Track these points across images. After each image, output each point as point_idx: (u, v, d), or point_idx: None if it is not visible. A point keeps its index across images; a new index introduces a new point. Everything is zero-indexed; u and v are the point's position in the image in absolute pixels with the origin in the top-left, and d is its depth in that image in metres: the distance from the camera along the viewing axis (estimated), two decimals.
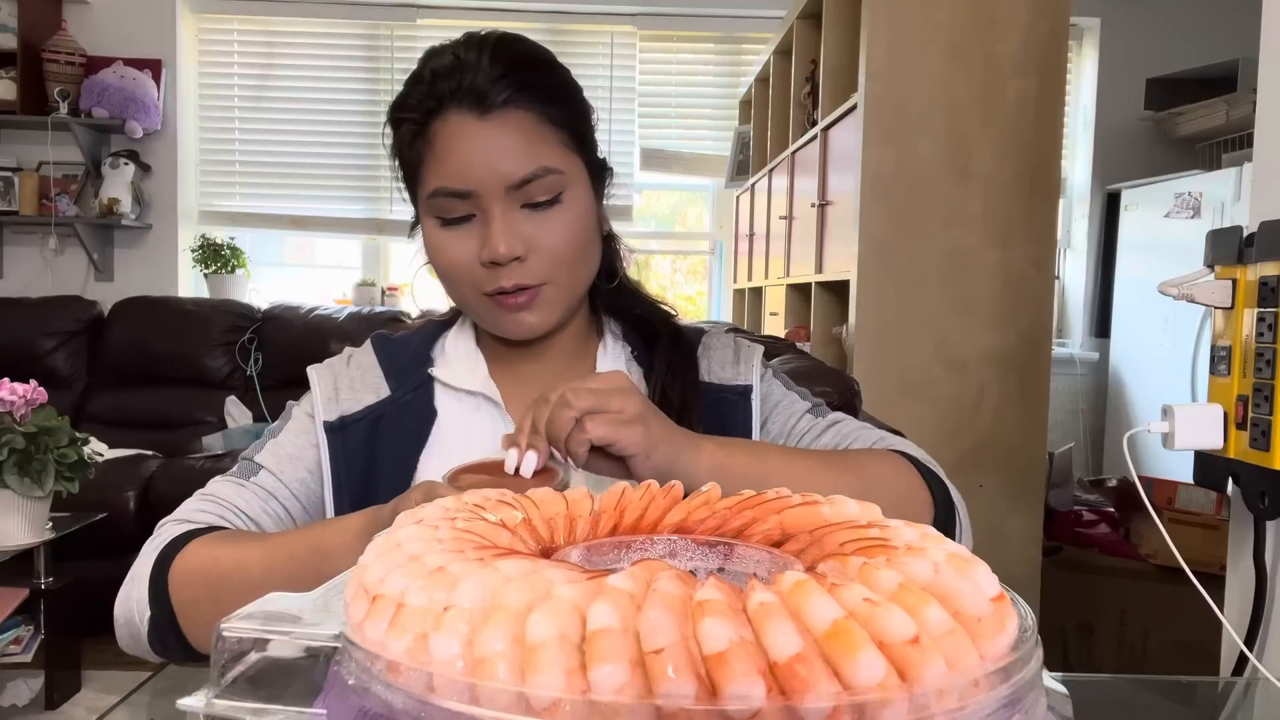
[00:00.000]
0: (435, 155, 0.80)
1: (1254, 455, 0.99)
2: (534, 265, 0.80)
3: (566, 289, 0.83)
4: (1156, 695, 0.97)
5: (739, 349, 0.92)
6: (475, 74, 0.79)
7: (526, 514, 0.47)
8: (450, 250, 0.81)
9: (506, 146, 0.78)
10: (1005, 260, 2.19)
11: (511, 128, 0.79)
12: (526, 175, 0.78)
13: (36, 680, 2.44)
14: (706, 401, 0.88)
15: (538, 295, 0.81)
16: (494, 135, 0.78)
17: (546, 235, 0.80)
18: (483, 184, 0.78)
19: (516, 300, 0.81)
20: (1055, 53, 2.19)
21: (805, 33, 2.98)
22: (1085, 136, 4.15)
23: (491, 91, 0.78)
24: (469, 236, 0.80)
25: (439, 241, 0.82)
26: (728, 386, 0.89)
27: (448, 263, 0.82)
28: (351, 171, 4.20)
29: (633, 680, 0.30)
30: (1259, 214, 1.05)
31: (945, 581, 0.36)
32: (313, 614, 0.39)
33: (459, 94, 0.78)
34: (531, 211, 0.80)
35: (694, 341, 0.92)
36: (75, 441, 2.22)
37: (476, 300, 0.82)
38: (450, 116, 0.79)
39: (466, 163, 0.78)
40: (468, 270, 0.81)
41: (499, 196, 0.78)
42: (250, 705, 0.36)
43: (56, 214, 3.87)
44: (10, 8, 3.79)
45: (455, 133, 0.79)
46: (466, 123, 0.78)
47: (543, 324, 0.83)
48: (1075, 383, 4.05)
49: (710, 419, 0.86)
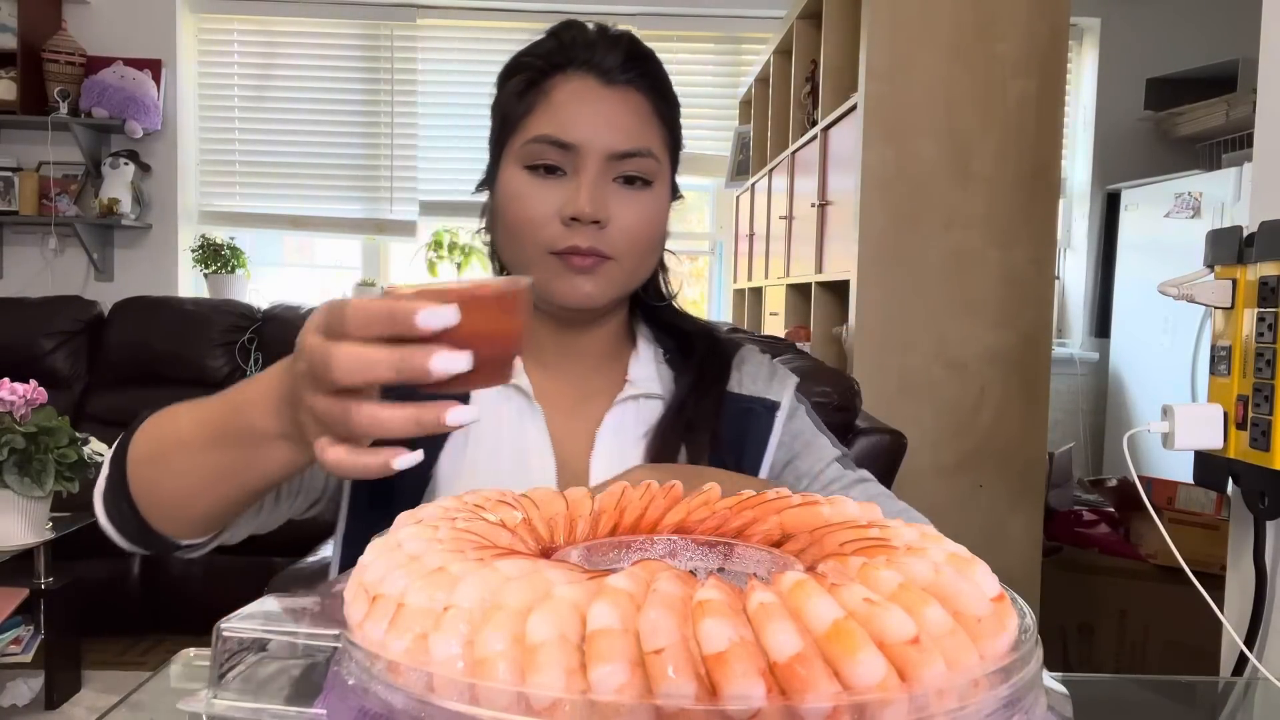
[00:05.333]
0: (548, 106, 0.81)
1: (1254, 455, 0.99)
2: (611, 235, 0.80)
3: (628, 273, 0.83)
4: (1156, 695, 0.97)
5: (775, 371, 0.93)
6: (607, 51, 0.82)
7: (526, 514, 0.47)
8: (532, 198, 0.80)
9: (620, 117, 0.81)
10: (1005, 260, 2.18)
11: (629, 104, 0.82)
12: (631, 149, 0.80)
13: (36, 680, 2.44)
14: (731, 411, 0.88)
15: (603, 265, 0.81)
16: (612, 104, 0.81)
17: (629, 213, 0.81)
18: (588, 143, 0.79)
19: (584, 262, 0.80)
20: (1055, 53, 2.19)
21: (805, 33, 2.98)
22: (1085, 136, 4.14)
23: (619, 69, 0.82)
24: (554, 191, 0.80)
25: (521, 189, 0.81)
26: (755, 398, 0.90)
27: (525, 211, 0.80)
28: (351, 171, 4.20)
29: (633, 680, 0.30)
30: (1259, 214, 1.05)
31: (945, 581, 0.36)
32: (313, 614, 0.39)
33: (589, 62, 0.81)
34: (622, 186, 0.81)
35: (730, 355, 0.92)
36: (75, 441, 2.22)
37: (540, 258, 0.81)
38: (574, 75, 0.81)
39: (578, 118, 0.80)
40: (543, 223, 0.80)
41: (599, 160, 0.79)
42: (250, 705, 0.36)
43: (56, 214, 3.87)
44: (10, 8, 3.79)
45: (576, 90, 0.81)
46: (589, 85, 0.81)
47: (598, 295, 0.82)
48: (1075, 383, 4.05)
49: (733, 428, 0.86)
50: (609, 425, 0.86)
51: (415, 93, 4.17)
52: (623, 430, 0.87)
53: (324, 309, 0.53)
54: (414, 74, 4.17)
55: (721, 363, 0.91)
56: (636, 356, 0.92)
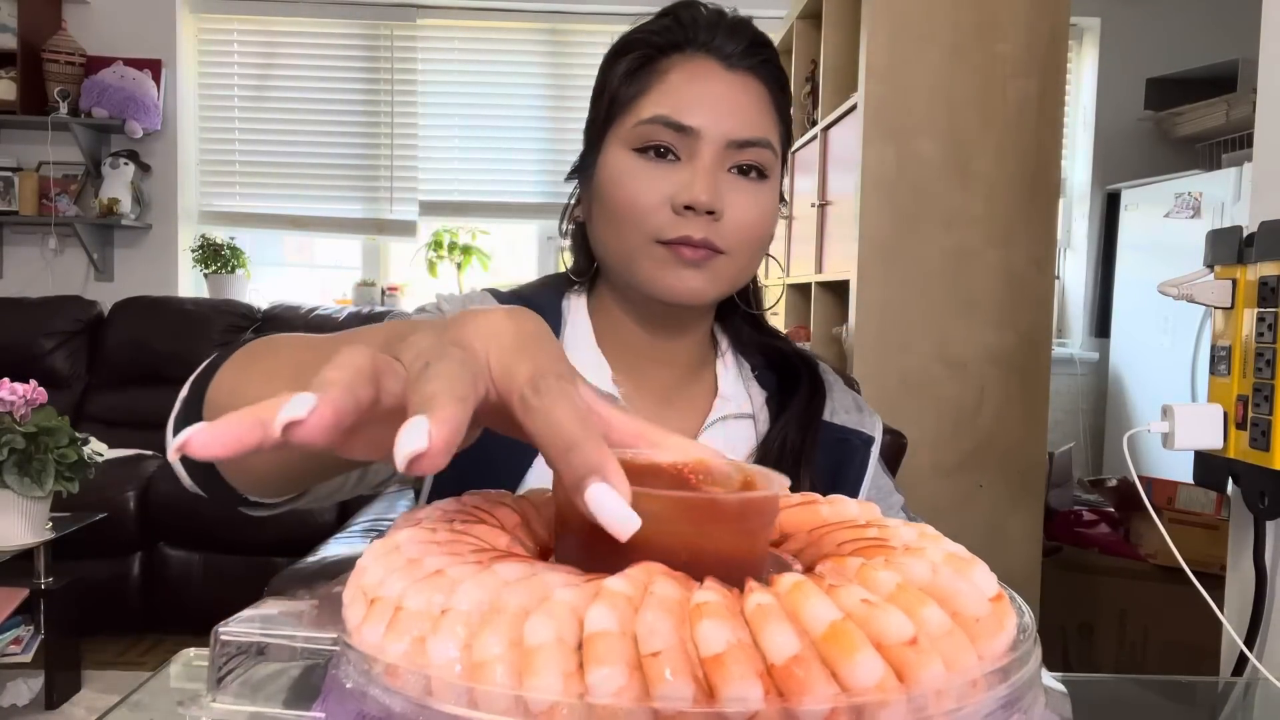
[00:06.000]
0: (665, 87, 0.76)
1: (1254, 455, 0.99)
2: (725, 228, 0.75)
3: (738, 270, 0.78)
4: (1156, 695, 0.97)
5: (860, 402, 0.89)
6: (729, 35, 0.77)
7: (525, 516, 0.47)
8: (642, 181, 0.74)
9: (743, 104, 0.76)
10: (1005, 260, 2.19)
11: (750, 91, 0.77)
12: (752, 138, 0.76)
13: (36, 680, 2.44)
14: (827, 440, 0.83)
15: (713, 259, 0.75)
16: (734, 89, 0.76)
17: (744, 206, 0.76)
18: (708, 127, 0.74)
19: (695, 254, 0.74)
20: (1055, 53, 2.19)
21: (805, 33, 2.98)
22: (1085, 136, 4.14)
23: (740, 54, 0.77)
24: (667, 175, 0.74)
25: (632, 171, 0.75)
26: (852, 430, 0.86)
27: (633, 195, 0.74)
28: (351, 171, 4.20)
29: (630, 683, 0.30)
30: (1259, 214, 1.05)
31: (943, 582, 0.36)
32: (311, 617, 0.39)
33: (711, 44, 0.77)
34: (738, 177, 0.76)
35: (825, 383, 0.88)
36: (75, 441, 2.22)
37: (646, 247, 0.75)
38: (695, 57, 0.77)
39: (699, 101, 0.75)
40: (652, 210, 0.74)
41: (717, 147, 0.74)
42: (248, 709, 0.36)
43: (56, 214, 3.87)
44: (10, 8, 3.79)
45: (697, 72, 0.76)
46: (711, 68, 0.76)
47: (706, 291, 0.76)
48: (1075, 383, 4.05)
49: (828, 459, 0.82)
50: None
51: (415, 93, 4.17)
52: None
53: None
54: (414, 74, 4.17)
55: (822, 393, 0.86)
56: (724, 368, 0.86)
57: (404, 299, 4.13)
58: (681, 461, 0.44)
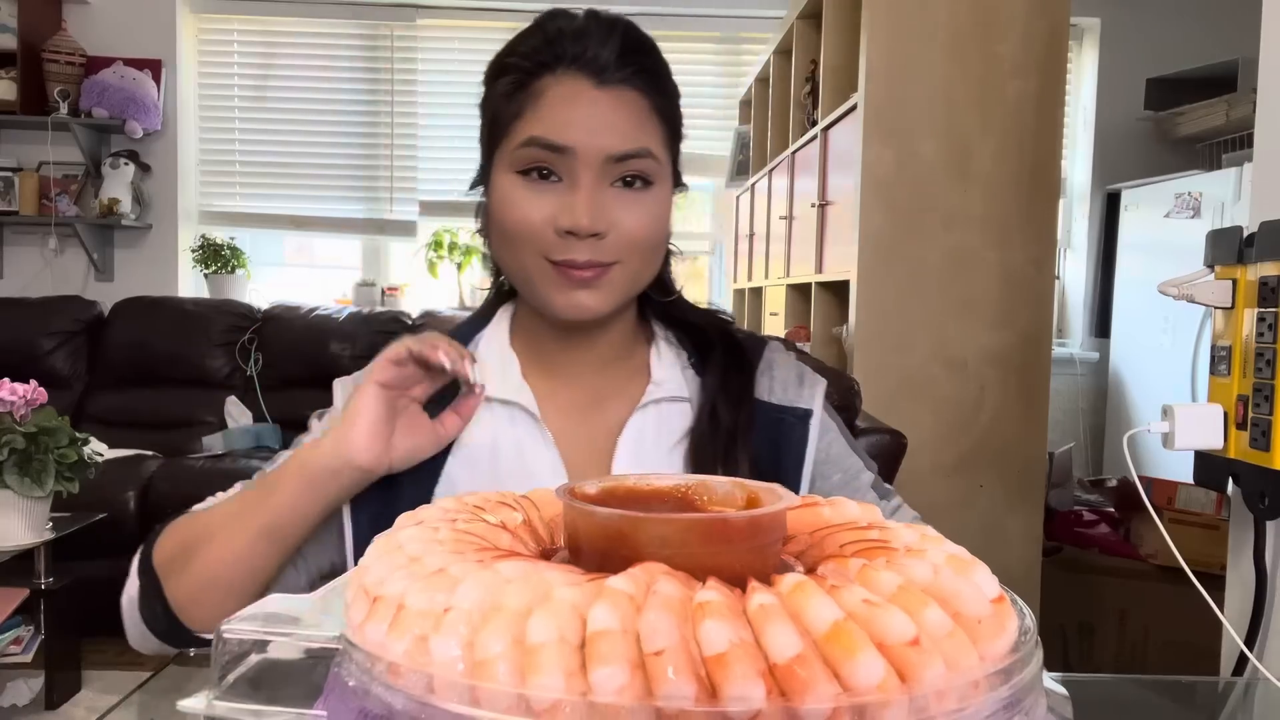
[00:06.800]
0: (540, 108, 0.76)
1: (1254, 455, 0.99)
2: (611, 243, 0.76)
3: (632, 276, 0.79)
4: (1156, 695, 0.97)
5: (804, 373, 0.87)
6: (601, 45, 0.76)
7: (526, 515, 0.47)
8: (525, 206, 0.76)
9: (617, 120, 0.76)
10: (1005, 260, 2.19)
11: (625, 104, 0.77)
12: (630, 151, 0.76)
13: (36, 680, 2.44)
14: (764, 420, 0.82)
15: (605, 274, 0.76)
16: (607, 106, 0.76)
17: (630, 217, 0.76)
18: (584, 146, 0.75)
19: (583, 275, 0.76)
20: (1055, 53, 2.19)
21: (805, 33, 2.98)
22: (1085, 136, 4.15)
23: (613, 65, 0.76)
24: (549, 197, 0.75)
25: (515, 195, 0.76)
26: (788, 408, 0.84)
27: (519, 219, 0.76)
28: (351, 171, 4.20)
29: (633, 682, 0.30)
30: (1259, 214, 1.05)
31: (945, 583, 0.36)
32: (313, 616, 0.39)
33: (581, 59, 0.76)
34: (621, 190, 0.77)
35: (754, 355, 0.87)
36: (75, 441, 2.22)
37: (537, 267, 0.77)
38: (565, 76, 0.76)
39: (573, 121, 0.75)
40: (538, 231, 0.75)
41: (595, 166, 0.75)
42: (250, 707, 0.36)
43: (56, 214, 3.87)
44: (10, 8, 3.79)
45: (568, 92, 0.76)
46: (582, 86, 0.76)
47: (601, 306, 0.77)
48: (1075, 383, 4.05)
49: (765, 440, 0.81)
50: (630, 433, 0.81)
51: (415, 93, 4.17)
52: (645, 438, 0.81)
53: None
54: (414, 74, 4.17)
55: (744, 362, 0.85)
56: (657, 355, 0.86)
57: (404, 299, 4.12)
58: (685, 485, 0.44)
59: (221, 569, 0.75)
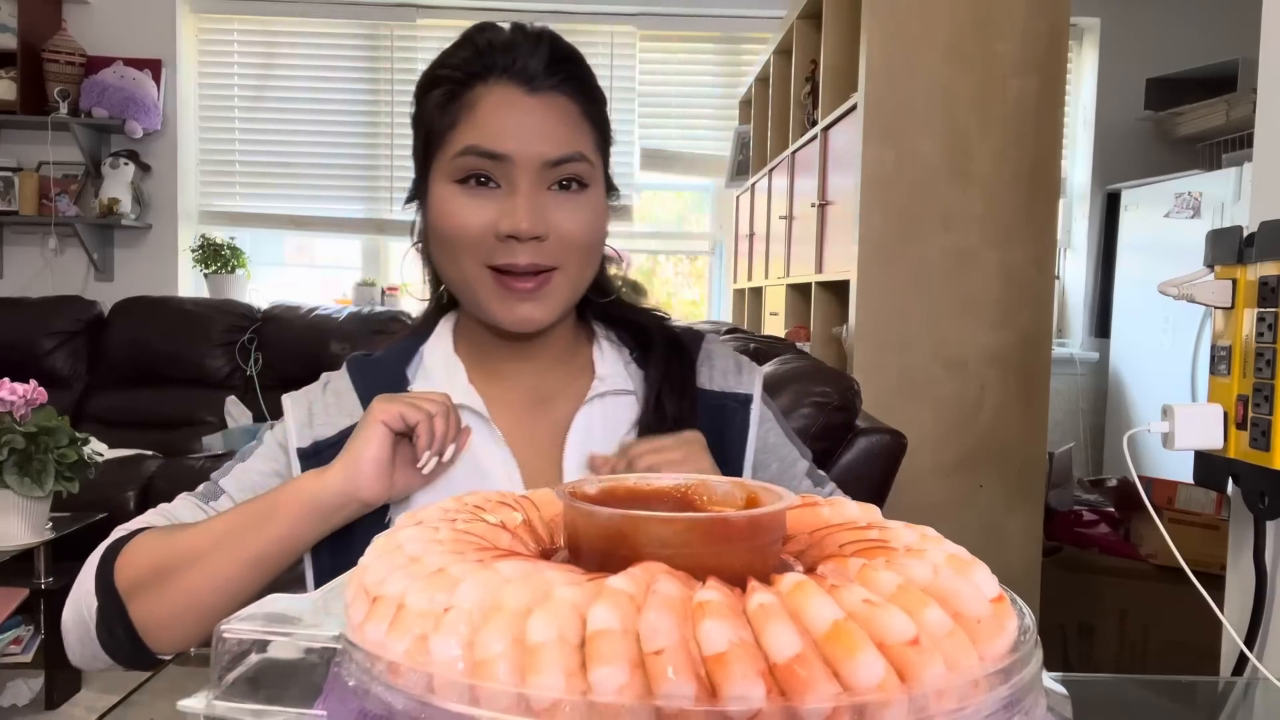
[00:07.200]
0: (474, 118, 0.78)
1: (1254, 455, 0.99)
2: (552, 247, 0.78)
3: (574, 280, 0.81)
4: (1156, 695, 0.97)
5: (741, 362, 0.91)
6: (529, 55, 0.79)
7: (527, 515, 0.47)
8: (464, 214, 0.78)
9: (549, 125, 0.78)
10: (1005, 260, 2.19)
11: (556, 110, 0.79)
12: (564, 155, 0.78)
13: (36, 680, 2.44)
14: (705, 407, 0.85)
15: (548, 282, 0.79)
16: (539, 112, 0.78)
17: (569, 220, 0.79)
18: (520, 153, 0.77)
19: (525, 286, 0.78)
20: (1055, 53, 2.19)
21: (805, 33, 2.98)
22: (1085, 136, 4.15)
23: (542, 73, 0.79)
24: (487, 204, 0.78)
25: (453, 204, 0.78)
26: (729, 394, 0.87)
27: (458, 227, 0.78)
28: (351, 171, 4.20)
29: (633, 681, 0.30)
30: (1259, 214, 1.05)
31: (945, 583, 0.36)
32: (313, 615, 0.39)
33: (511, 69, 0.78)
34: (558, 193, 0.79)
35: (693, 348, 0.90)
36: (75, 441, 2.22)
37: (477, 275, 0.79)
38: (497, 86, 0.78)
39: (507, 129, 0.77)
40: (478, 238, 0.77)
41: (532, 171, 0.77)
42: (250, 707, 0.36)
43: (56, 214, 3.87)
44: (10, 8, 3.79)
45: (501, 101, 0.78)
46: (514, 95, 0.78)
47: (546, 317, 0.80)
48: (1075, 383, 4.05)
49: (707, 426, 0.83)
50: (579, 427, 0.83)
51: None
52: (594, 431, 0.84)
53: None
54: (414, 74, 4.13)
55: (685, 354, 0.88)
56: (600, 352, 0.89)
57: (404, 299, 4.13)
58: (684, 485, 0.44)
59: (205, 594, 0.74)
